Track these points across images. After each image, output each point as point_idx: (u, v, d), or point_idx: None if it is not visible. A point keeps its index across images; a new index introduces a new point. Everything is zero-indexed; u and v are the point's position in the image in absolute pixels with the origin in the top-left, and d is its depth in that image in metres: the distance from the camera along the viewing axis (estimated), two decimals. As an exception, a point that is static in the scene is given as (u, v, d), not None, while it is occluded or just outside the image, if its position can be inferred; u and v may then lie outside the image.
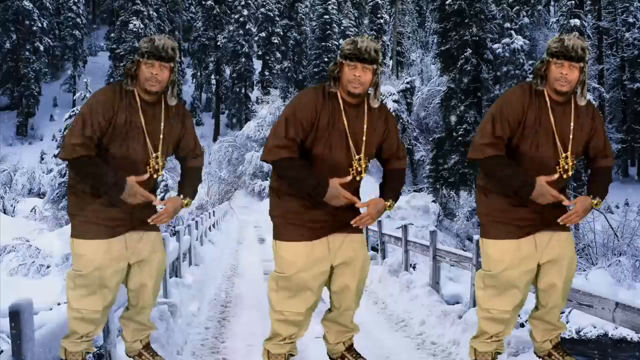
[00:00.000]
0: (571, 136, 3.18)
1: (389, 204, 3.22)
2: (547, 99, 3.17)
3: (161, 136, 3.23)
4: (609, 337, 11.52)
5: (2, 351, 6.72)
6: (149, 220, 3.22)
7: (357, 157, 3.17)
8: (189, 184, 3.41)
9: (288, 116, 3.12)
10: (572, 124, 3.18)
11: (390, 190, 3.29)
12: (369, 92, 3.17)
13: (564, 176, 3.19)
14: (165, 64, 3.13)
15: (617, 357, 10.76)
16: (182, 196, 3.32)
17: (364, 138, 3.19)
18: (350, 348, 3.50)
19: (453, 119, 24.37)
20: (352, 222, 3.16)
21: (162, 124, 3.24)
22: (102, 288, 3.19)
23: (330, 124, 3.13)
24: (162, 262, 3.41)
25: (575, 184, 19.68)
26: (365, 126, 3.19)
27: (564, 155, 3.17)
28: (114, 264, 3.19)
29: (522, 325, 9.60)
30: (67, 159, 3.09)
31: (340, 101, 3.16)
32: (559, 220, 3.15)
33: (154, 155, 3.21)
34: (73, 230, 3.22)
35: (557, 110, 3.17)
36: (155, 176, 3.24)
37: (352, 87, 3.09)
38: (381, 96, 3.30)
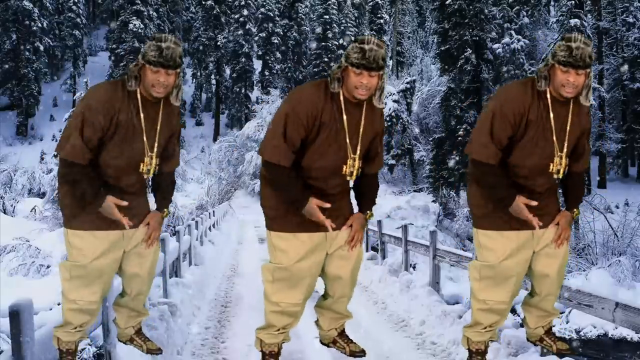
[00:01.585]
0: (567, 136, 3.16)
1: (368, 215, 3.29)
2: (549, 97, 3.12)
3: (157, 136, 3.21)
4: (609, 337, 11.51)
5: (2, 351, 6.71)
6: (144, 246, 3.29)
7: (352, 156, 3.16)
8: (164, 195, 3.40)
9: (288, 114, 3.07)
10: (569, 123, 3.15)
11: (367, 201, 3.33)
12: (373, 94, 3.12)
13: (556, 176, 3.19)
14: (171, 71, 3.08)
15: (617, 357, 10.76)
16: (161, 210, 3.36)
17: (360, 138, 3.17)
18: (342, 333, 3.53)
19: (453, 119, 24.38)
20: (348, 247, 3.25)
21: (159, 124, 3.21)
22: (100, 278, 3.19)
23: (331, 121, 3.09)
24: (155, 251, 3.41)
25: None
26: (362, 126, 3.16)
27: (559, 154, 3.16)
28: (111, 253, 3.19)
29: (522, 325, 9.59)
30: (63, 158, 3.06)
31: (342, 99, 3.10)
32: (554, 243, 3.23)
33: (149, 154, 3.19)
34: (67, 222, 3.19)
35: (558, 109, 3.13)
36: (146, 176, 3.23)
37: (358, 93, 3.04)
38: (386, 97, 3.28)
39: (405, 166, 33.32)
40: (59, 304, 3.20)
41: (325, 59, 51.25)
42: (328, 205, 3.12)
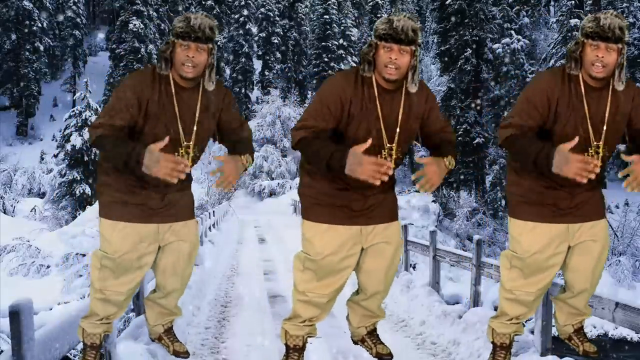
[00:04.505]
0: (605, 126, 2.94)
1: (447, 161, 2.89)
2: (582, 83, 2.93)
3: (194, 126, 3.00)
4: (609, 337, 11.53)
5: (2, 351, 6.72)
6: (214, 186, 2.97)
7: (388, 146, 2.94)
8: (242, 145, 3.11)
9: (315, 103, 2.93)
10: (607, 111, 2.94)
11: (445, 150, 2.97)
12: (407, 76, 2.89)
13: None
14: (202, 46, 2.86)
15: (617, 357, 10.76)
16: (238, 153, 3.02)
17: (399, 126, 2.94)
18: (371, 333, 3.40)
19: (453, 119, 24.38)
20: (417, 187, 2.84)
21: (197, 112, 3.00)
22: (130, 272, 3.06)
23: (363, 110, 2.90)
24: (191, 248, 3.27)
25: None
26: (400, 113, 2.94)
27: (594, 144, 2.95)
28: (143, 248, 3.04)
29: (522, 325, 9.59)
30: (91, 144, 2.90)
31: (375, 86, 2.91)
32: (620, 175, 2.94)
33: (184, 144, 2.99)
34: (101, 209, 3.05)
35: (592, 96, 2.93)
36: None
37: (387, 72, 2.83)
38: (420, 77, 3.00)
39: (405, 166, 33.32)
40: (59, 304, 3.19)
41: (326, 59, 51.25)
42: (369, 142, 2.75)
